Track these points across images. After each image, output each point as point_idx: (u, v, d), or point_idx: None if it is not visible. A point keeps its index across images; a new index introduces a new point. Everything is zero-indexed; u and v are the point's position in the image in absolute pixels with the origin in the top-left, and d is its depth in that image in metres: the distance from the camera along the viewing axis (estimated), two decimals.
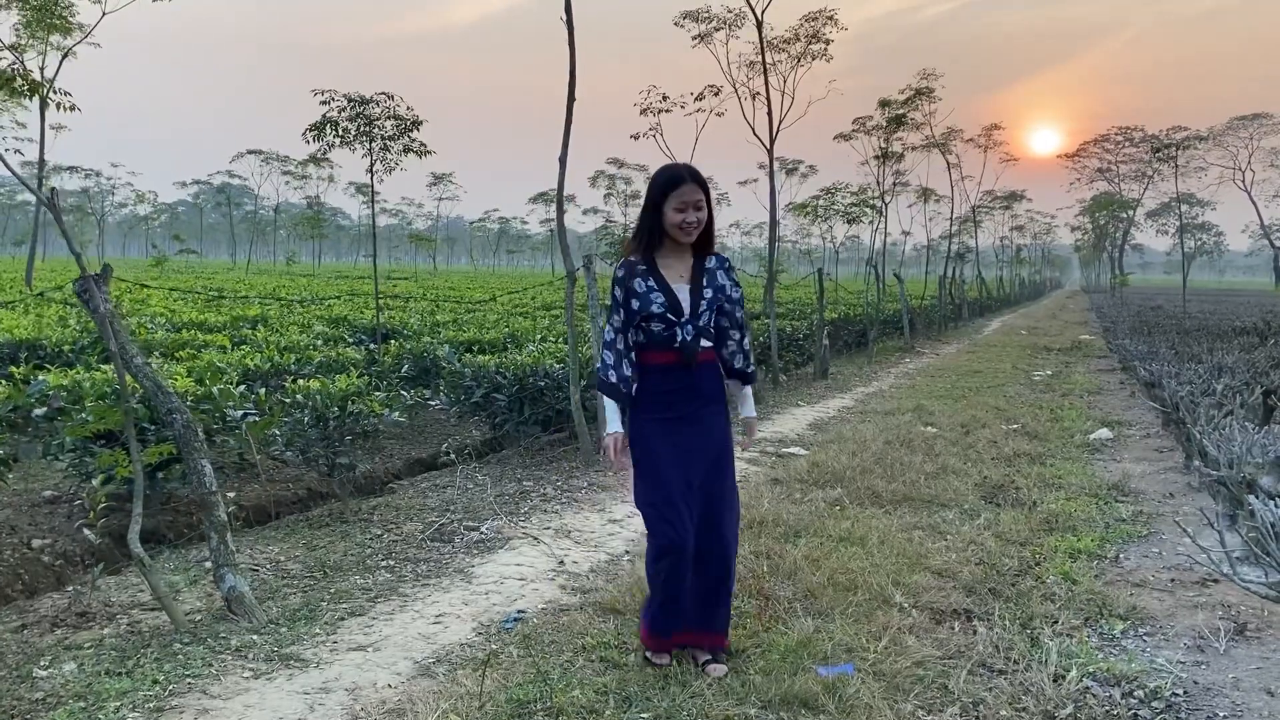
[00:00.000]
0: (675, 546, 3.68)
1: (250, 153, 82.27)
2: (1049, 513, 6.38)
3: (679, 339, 3.76)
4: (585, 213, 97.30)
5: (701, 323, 3.80)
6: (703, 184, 3.78)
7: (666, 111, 14.16)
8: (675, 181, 3.74)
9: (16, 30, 20.67)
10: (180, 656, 3.92)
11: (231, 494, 5.76)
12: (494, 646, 4.08)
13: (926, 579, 4.97)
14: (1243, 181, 72.75)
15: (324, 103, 8.97)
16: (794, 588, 4.78)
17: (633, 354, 3.82)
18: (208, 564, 4.84)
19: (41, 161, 22.40)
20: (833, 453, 8.20)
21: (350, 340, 10.46)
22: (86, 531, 4.73)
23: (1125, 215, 77.66)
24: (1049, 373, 15.53)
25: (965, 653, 4.10)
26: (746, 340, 3.99)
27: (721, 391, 3.93)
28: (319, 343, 9.33)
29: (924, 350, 20.18)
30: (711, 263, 3.88)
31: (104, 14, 18.85)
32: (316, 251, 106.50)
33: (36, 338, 8.56)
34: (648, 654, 3.90)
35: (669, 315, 3.75)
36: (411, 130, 9.28)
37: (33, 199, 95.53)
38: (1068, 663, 3.98)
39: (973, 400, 11.92)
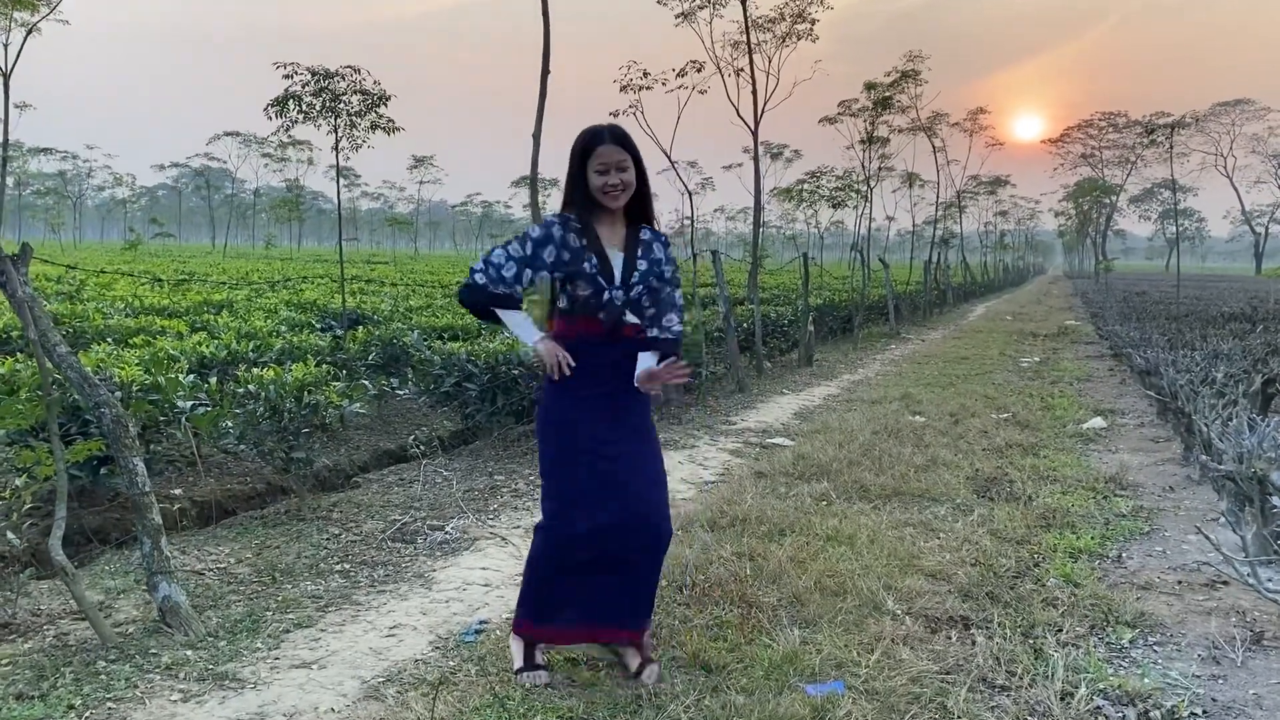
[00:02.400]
0: (568, 534, 3.47)
1: (227, 134, 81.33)
2: (1045, 508, 6.08)
3: (605, 303, 3.46)
4: None
5: (633, 294, 3.51)
6: (628, 145, 3.48)
7: (647, 89, 13.77)
8: (594, 141, 3.45)
9: None
10: (103, 676, 3.55)
11: (178, 490, 5.39)
12: (451, 664, 3.73)
13: (920, 582, 4.65)
14: (1224, 167, 72.95)
15: (287, 76, 8.56)
16: (779, 593, 4.45)
17: (517, 286, 3.48)
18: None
19: (5, 141, 21.83)
20: (819, 444, 7.87)
21: (318, 326, 10.04)
22: (10, 535, 4.34)
23: (1108, 201, 77.78)
24: (1037, 359, 15.26)
25: (964, 666, 3.78)
26: (679, 327, 3.65)
27: None
28: (283, 329, 8.93)
29: (910, 336, 19.89)
30: (646, 235, 3.60)
31: None
32: (296, 235, 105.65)
33: None
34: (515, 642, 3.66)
35: (599, 279, 3.45)
36: (379, 106, 8.87)
37: (7, 182, 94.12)
38: (1075, 678, 3.67)
39: (961, 388, 11.62)
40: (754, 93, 13.44)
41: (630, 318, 3.53)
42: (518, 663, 3.58)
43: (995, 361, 14.82)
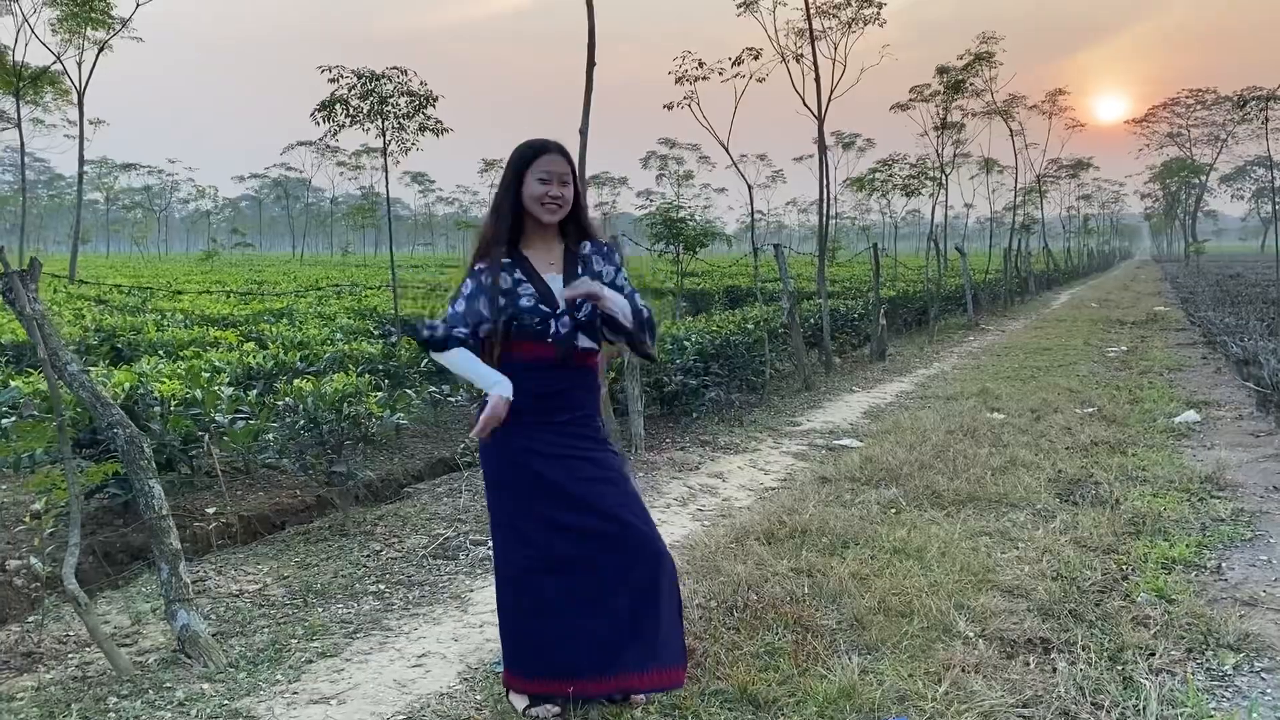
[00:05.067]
0: (530, 579, 3.19)
1: (301, 144, 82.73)
2: (1134, 512, 5.61)
3: (552, 331, 3.18)
4: (639, 195, 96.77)
5: (581, 315, 3.21)
6: (569, 158, 3.27)
7: (703, 79, 13.38)
8: (538, 151, 3.22)
9: (52, 26, 20.56)
10: (112, 714, 3.36)
11: (211, 510, 5.23)
12: (478, 697, 3.46)
13: (995, 600, 4.26)
14: None
15: (332, 80, 8.44)
16: (839, 614, 4.10)
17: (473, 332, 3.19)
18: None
19: (81, 157, 22.33)
20: (888, 445, 7.47)
21: (376, 333, 9.93)
22: (33, 560, 4.22)
23: (1198, 180, 75.24)
24: (1124, 348, 14.54)
25: (1043, 698, 3.40)
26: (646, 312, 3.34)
27: (597, 409, 3.37)
28: (338, 336, 8.80)
29: (989, 327, 19.22)
30: (587, 249, 3.34)
31: (137, 5, 18.58)
32: (374, 241, 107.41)
33: None
34: (510, 696, 3.38)
35: (541, 306, 3.18)
36: (426, 107, 8.70)
37: (97, 197, 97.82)
38: (1171, 711, 3.27)
39: (1042, 381, 11.06)
40: (817, 80, 13.01)
41: (584, 342, 3.25)
42: (521, 702, 3.31)
43: (1080, 352, 14.16)
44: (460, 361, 3.16)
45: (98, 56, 21.04)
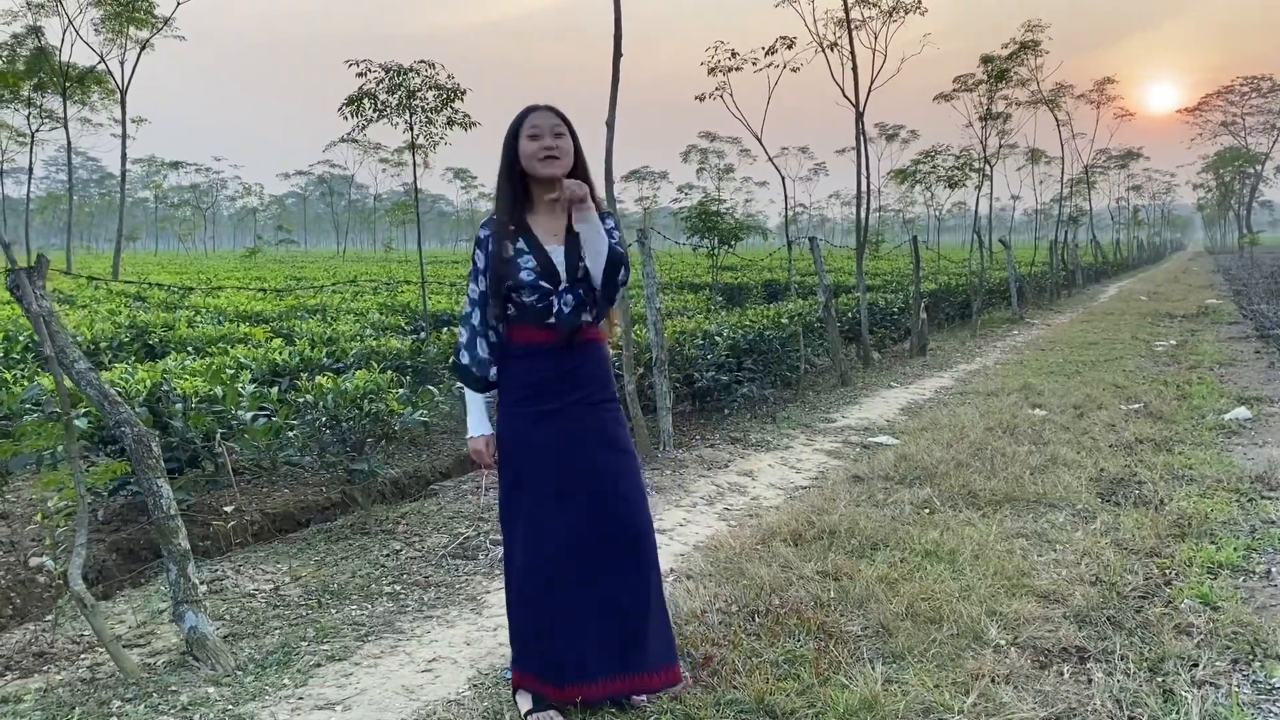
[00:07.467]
0: (538, 571, 3.11)
1: (342, 140, 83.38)
2: (1179, 513, 5.39)
3: (555, 310, 3.10)
4: (679, 189, 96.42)
5: (582, 290, 3.13)
6: (563, 116, 3.18)
7: (736, 69, 13.16)
8: (525, 112, 3.16)
9: (95, 26, 20.81)
10: (115, 718, 3.30)
11: (230, 508, 5.18)
12: (484, 704, 3.36)
13: (1029, 606, 4.09)
14: None
15: (360, 75, 8.38)
16: (864, 620, 3.95)
17: (493, 332, 3.19)
18: (203, 588, 4.28)
19: (124, 155, 22.63)
20: (925, 443, 7.27)
21: (407, 329, 9.89)
22: (45, 560, 4.18)
23: (1253, 170, 73.75)
24: (1173, 342, 14.16)
25: (1077, 711, 3.23)
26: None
27: (610, 380, 3.29)
28: (368, 332, 8.76)
29: (1034, 321, 18.84)
30: None
31: (178, 3, 18.73)
32: (418, 237, 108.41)
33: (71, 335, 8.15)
34: (515, 697, 3.30)
35: (542, 282, 3.08)
36: (453, 101, 8.62)
37: (147, 195, 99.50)
38: None
39: (1087, 376, 10.77)
40: (854, 70, 12.77)
41: (585, 316, 3.16)
42: (525, 705, 3.22)
43: (1127, 346, 13.80)
44: (476, 407, 3.25)
45: (139, 56, 21.33)
